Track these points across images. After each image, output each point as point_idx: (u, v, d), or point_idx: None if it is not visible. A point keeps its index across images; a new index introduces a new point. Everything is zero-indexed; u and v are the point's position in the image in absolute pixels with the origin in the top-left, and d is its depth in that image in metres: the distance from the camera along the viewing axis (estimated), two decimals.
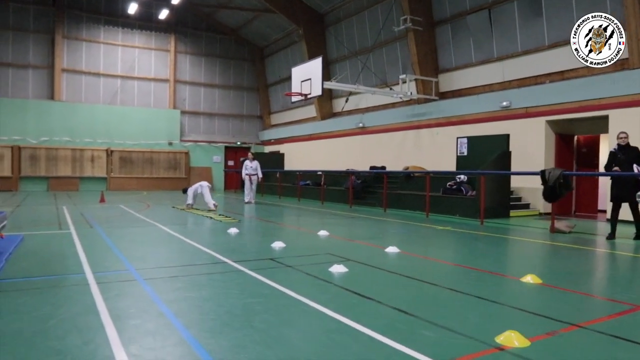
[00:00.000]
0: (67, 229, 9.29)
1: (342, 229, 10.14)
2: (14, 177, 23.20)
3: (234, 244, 7.84)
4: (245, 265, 5.91)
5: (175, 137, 26.79)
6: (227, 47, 28.84)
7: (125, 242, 7.72)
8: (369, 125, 21.03)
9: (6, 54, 23.74)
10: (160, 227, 9.81)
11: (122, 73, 25.91)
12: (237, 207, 15.87)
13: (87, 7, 25.33)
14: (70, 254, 6.57)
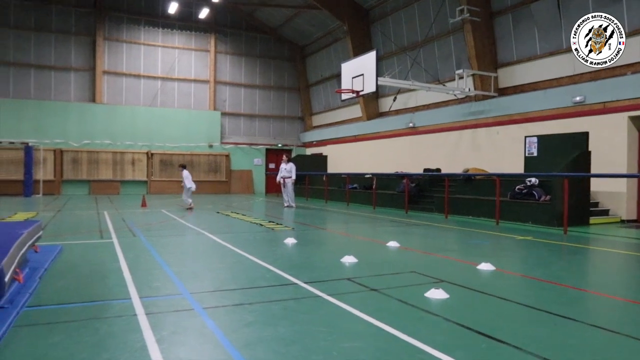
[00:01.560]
0: (109, 237, 8.47)
1: (412, 239, 8.99)
2: (57, 180, 22.94)
3: (296, 258, 6.81)
4: (321, 288, 4.86)
5: (216, 139, 26.13)
6: (267, 47, 28.07)
7: (173, 255, 6.79)
8: (419, 125, 19.78)
9: (49, 57, 23.57)
10: (208, 235, 8.89)
11: (162, 74, 25.44)
12: (280, 212, 14.90)
13: (128, 8, 24.98)
14: (113, 270, 5.66)
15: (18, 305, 3.91)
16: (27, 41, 23.22)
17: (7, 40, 22.87)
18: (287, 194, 16.72)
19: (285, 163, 17.02)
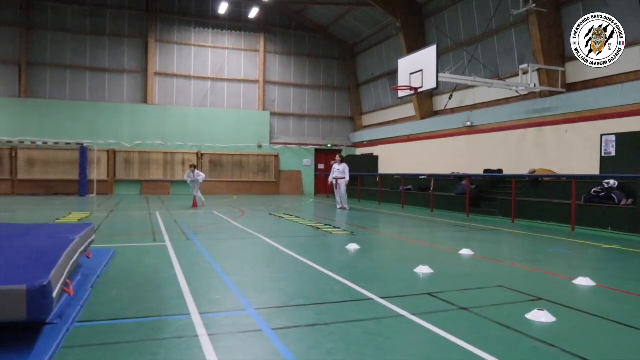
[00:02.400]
0: (162, 240, 8.13)
1: (484, 247, 8.21)
2: (110, 180, 23.26)
3: (363, 266, 6.21)
4: (401, 305, 4.24)
5: (265, 140, 25.88)
6: (316, 46, 27.61)
7: (230, 262, 6.32)
8: (478, 124, 18.79)
9: (103, 59, 23.94)
10: (265, 239, 8.41)
11: (212, 75, 25.40)
12: (333, 214, 14.33)
13: (179, 10, 25.08)
14: (168, 278, 5.23)
15: (68, 321, 3.48)
16: (83, 45, 23.66)
17: (65, 44, 23.38)
18: (340, 195, 16.10)
19: (338, 163, 16.40)
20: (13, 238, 4.23)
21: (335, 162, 16.59)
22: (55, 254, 3.46)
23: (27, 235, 4.47)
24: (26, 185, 22.12)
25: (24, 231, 4.77)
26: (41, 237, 4.31)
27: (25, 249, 3.73)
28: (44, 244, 3.92)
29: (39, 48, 23.15)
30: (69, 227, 5.34)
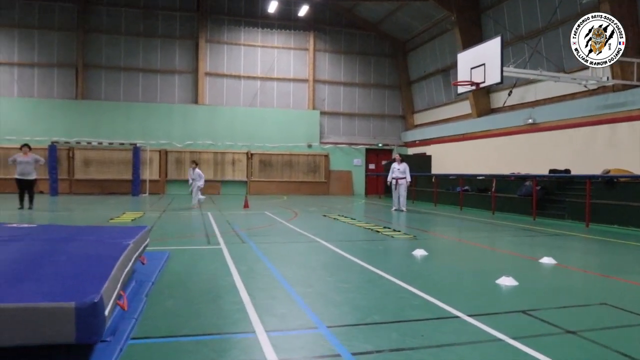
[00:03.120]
0: (216, 243, 7.79)
1: (566, 254, 7.42)
2: (161, 180, 23.47)
3: (437, 276, 5.62)
4: (494, 325, 3.64)
5: (315, 139, 25.49)
6: (366, 43, 27.00)
7: (291, 268, 5.86)
8: (540, 121, 17.70)
9: (155, 61, 24.21)
10: (323, 243, 7.93)
11: (261, 74, 25.24)
12: (389, 215, 13.71)
13: (229, 10, 25.07)
14: (226, 287, 4.81)
15: (122, 338, 3.09)
16: (136, 47, 24.00)
17: (119, 47, 23.77)
18: (400, 196, 15.36)
19: (398, 163, 15.62)
20: (63, 243, 3.92)
21: (395, 162, 15.80)
22: (108, 264, 3.08)
23: (79, 239, 4.16)
24: (82, 185, 22.59)
25: (76, 234, 4.48)
26: (93, 242, 3.98)
27: (75, 257, 3.38)
28: (96, 251, 3.57)
29: (95, 51, 23.63)
30: (123, 230, 5.02)
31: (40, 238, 4.11)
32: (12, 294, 2.49)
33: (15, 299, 2.42)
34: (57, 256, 3.33)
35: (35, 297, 2.45)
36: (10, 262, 3.15)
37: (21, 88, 22.92)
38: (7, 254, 3.38)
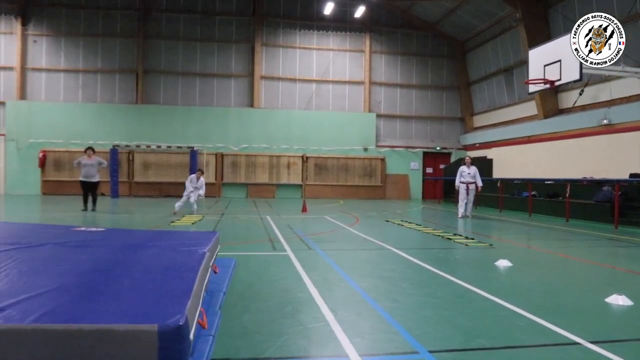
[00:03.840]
0: (282, 249, 7.44)
1: None
2: (217, 183, 23.58)
3: (533, 291, 5.02)
4: (628, 356, 3.06)
5: (371, 143, 24.97)
6: (424, 44, 26.26)
7: (368, 279, 5.41)
8: (617, 122, 16.48)
9: (212, 65, 24.42)
10: (394, 250, 7.43)
11: (317, 77, 24.98)
12: (454, 221, 13.02)
13: (284, 13, 24.99)
14: (304, 300, 4.42)
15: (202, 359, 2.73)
16: (193, 52, 24.29)
17: (177, 52, 24.14)
18: (468, 202, 14.51)
19: (468, 166, 14.65)
20: (136, 251, 3.64)
21: (464, 165, 14.85)
22: (188, 277, 2.74)
23: (151, 246, 3.87)
24: (141, 187, 23.00)
25: (146, 240, 4.20)
26: (167, 251, 3.67)
27: (151, 268, 3.07)
28: (173, 261, 3.25)
29: (154, 56, 24.08)
30: (194, 236, 4.72)
31: (111, 245, 3.86)
32: (89, 312, 2.17)
33: (93, 319, 2.09)
34: (132, 267, 3.03)
35: (113, 318, 2.12)
36: (83, 272, 2.87)
37: (85, 94, 23.62)
38: (80, 263, 3.12)
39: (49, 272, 2.80)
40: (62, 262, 3.13)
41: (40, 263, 3.05)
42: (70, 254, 3.40)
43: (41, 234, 4.34)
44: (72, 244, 3.83)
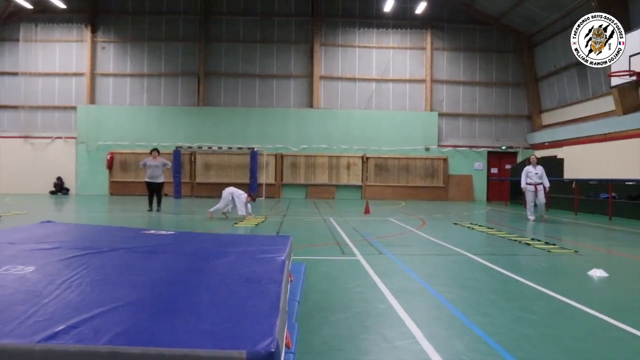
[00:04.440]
0: (351, 253, 7.11)
1: None
2: (277, 184, 23.60)
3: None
4: None
5: (433, 142, 24.24)
6: (488, 39, 25.22)
7: (450, 288, 4.99)
8: None
9: (271, 66, 24.49)
10: (472, 257, 6.94)
11: (376, 76, 24.53)
12: (525, 224, 12.23)
13: (343, 12, 24.72)
14: (384, 312, 4.07)
15: None
16: (253, 53, 24.45)
17: (237, 54, 24.39)
18: (539, 204, 13.49)
19: (533, 166, 13.60)
20: (212, 259, 3.41)
21: (529, 165, 13.75)
22: (272, 291, 2.46)
23: (226, 252, 3.64)
24: (203, 188, 23.34)
25: (220, 245, 3.99)
26: (244, 258, 3.42)
27: (230, 279, 2.82)
28: (252, 271, 2.99)
29: (215, 59, 24.44)
30: (267, 241, 4.47)
31: (184, 251, 3.66)
32: (168, 333, 1.92)
33: (172, 341, 1.84)
34: (209, 277, 2.80)
35: (195, 341, 1.85)
36: (157, 283, 2.66)
37: (150, 97, 24.28)
38: (153, 272, 2.92)
39: (121, 283, 2.62)
40: (134, 270, 2.95)
41: (112, 271, 2.88)
42: (143, 261, 3.22)
43: (112, 237, 4.23)
44: (143, 249, 3.67)
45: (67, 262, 3.15)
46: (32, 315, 2.10)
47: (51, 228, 4.84)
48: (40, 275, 2.82)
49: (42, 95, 24.32)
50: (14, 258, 3.35)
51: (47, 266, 3.06)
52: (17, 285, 2.65)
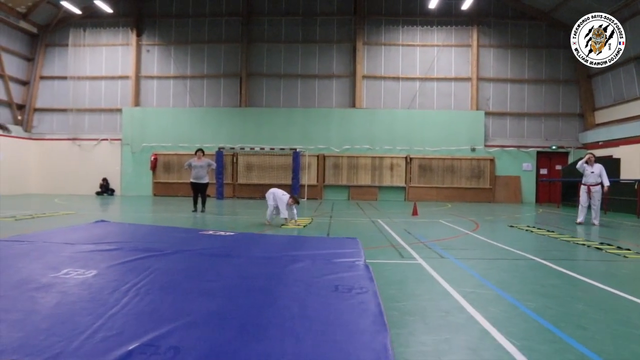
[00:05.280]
0: (410, 256, 6.73)
1: None
2: (319, 185, 23.34)
3: None
4: None
5: (479, 142, 23.48)
6: (537, 34, 24.28)
7: (529, 295, 4.56)
8: None
9: (313, 66, 24.28)
10: (541, 261, 6.45)
11: (420, 75, 23.96)
12: (585, 227, 11.50)
13: (386, 10, 24.28)
14: (468, 324, 3.68)
15: None
16: (295, 53, 24.30)
17: (279, 54, 24.28)
18: (593, 207, 12.32)
19: (590, 165, 12.45)
20: (285, 263, 3.11)
21: (587, 163, 12.48)
22: (371, 301, 2.16)
23: (299, 258, 3.34)
24: (244, 189, 23.31)
25: (287, 249, 3.69)
26: (321, 262, 3.11)
27: (316, 287, 2.50)
28: (338, 277, 2.67)
29: (257, 60, 24.41)
30: (336, 243, 4.17)
31: (252, 254, 3.38)
32: (265, 355, 1.61)
33: None
34: (290, 284, 2.50)
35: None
36: (235, 289, 2.38)
37: (192, 99, 24.44)
38: (228, 277, 2.64)
39: (194, 290, 2.35)
40: (205, 275, 2.69)
41: (181, 277, 2.62)
42: (211, 264, 2.96)
43: (170, 237, 4.01)
44: (209, 251, 3.42)
45: (130, 266, 2.92)
46: (99, 328, 1.84)
47: (107, 227, 4.68)
48: (104, 280, 2.58)
49: (89, 98, 24.83)
50: (73, 260, 3.16)
51: (110, 270, 2.83)
52: (79, 291, 2.43)
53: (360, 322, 1.93)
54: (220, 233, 4.59)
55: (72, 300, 2.27)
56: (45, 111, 25.10)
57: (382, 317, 1.98)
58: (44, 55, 25.10)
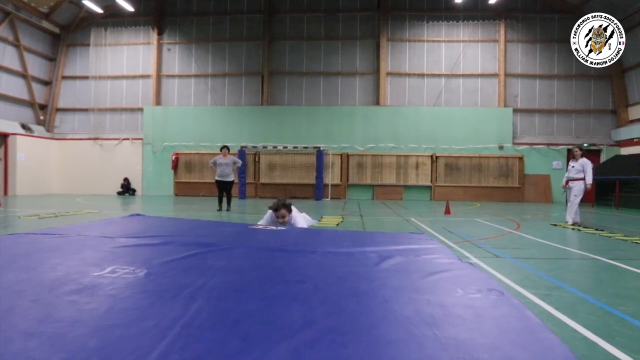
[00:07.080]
0: (462, 255, 6.23)
1: None
2: (343, 184, 22.88)
3: None
4: None
5: (507, 140, 22.81)
6: (567, 28, 23.03)
7: (620, 299, 4.05)
8: None
9: (336, 63, 23.87)
10: (610, 262, 5.90)
11: (446, 71, 23.38)
12: (633, 225, 10.88)
13: (410, 5, 23.76)
14: (568, 333, 3.19)
15: None
16: (317, 51, 23.90)
17: (301, 52, 23.90)
18: (569, 202, 11.24)
19: (576, 159, 11.14)
20: (375, 261, 2.67)
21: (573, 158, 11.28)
22: (511, 304, 1.67)
23: (384, 253, 2.90)
24: (267, 189, 22.94)
25: (361, 244, 3.26)
26: (413, 259, 2.65)
27: (441, 290, 2.06)
28: (456, 276, 2.22)
29: (279, 58, 24.05)
30: (408, 239, 3.71)
31: (326, 250, 2.95)
32: None
33: None
34: (397, 286, 2.05)
35: None
36: (331, 292, 1.94)
37: (214, 97, 24.17)
38: (315, 277, 2.21)
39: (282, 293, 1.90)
40: (286, 274, 2.26)
41: (255, 276, 2.20)
42: (287, 262, 2.54)
43: (221, 232, 3.60)
44: (272, 246, 2.99)
45: (186, 263, 2.51)
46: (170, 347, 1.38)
47: (145, 221, 4.30)
48: (160, 280, 2.16)
49: (111, 98, 24.72)
50: (117, 256, 2.76)
51: (164, 268, 2.42)
52: (133, 293, 2.00)
53: (510, 322, 1.49)
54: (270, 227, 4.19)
55: (125, 307, 1.83)
56: (67, 111, 25.05)
57: (537, 319, 1.53)
58: (66, 55, 25.04)
